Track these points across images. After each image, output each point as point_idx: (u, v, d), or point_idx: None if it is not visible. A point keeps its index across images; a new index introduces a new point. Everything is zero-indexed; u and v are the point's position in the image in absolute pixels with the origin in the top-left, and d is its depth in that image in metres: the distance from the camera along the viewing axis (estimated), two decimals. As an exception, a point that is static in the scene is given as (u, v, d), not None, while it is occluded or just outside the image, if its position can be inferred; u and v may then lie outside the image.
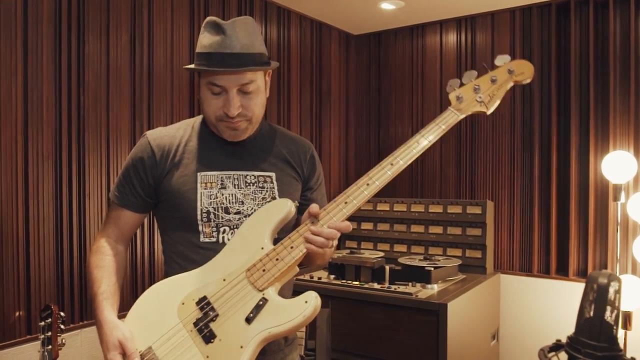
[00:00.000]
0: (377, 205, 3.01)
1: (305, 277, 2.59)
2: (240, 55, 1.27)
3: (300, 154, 1.43)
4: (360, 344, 2.38)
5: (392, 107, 3.21)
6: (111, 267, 1.32)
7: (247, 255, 1.21)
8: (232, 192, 1.34)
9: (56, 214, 1.80)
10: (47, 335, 1.58)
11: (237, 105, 1.28)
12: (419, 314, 2.23)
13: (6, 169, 1.68)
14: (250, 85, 1.29)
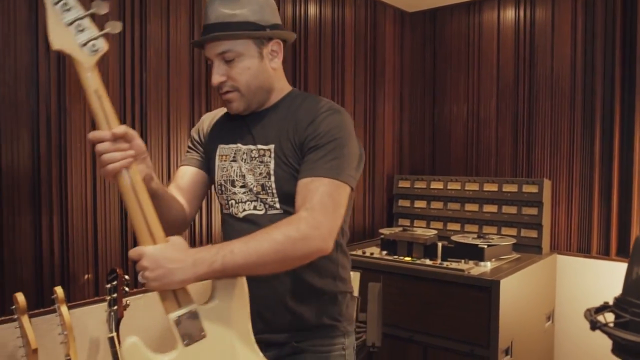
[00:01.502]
0: (431, 184, 3.01)
1: (358, 252, 2.64)
2: (214, 26, 1.28)
3: (308, 118, 1.31)
4: (410, 319, 2.40)
5: (447, 85, 3.18)
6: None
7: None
8: (239, 166, 1.36)
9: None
10: (112, 297, 1.70)
11: (216, 76, 1.30)
12: (471, 290, 2.23)
13: (76, 144, 1.79)
14: (228, 53, 1.29)
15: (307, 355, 1.35)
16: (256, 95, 1.34)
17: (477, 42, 3.06)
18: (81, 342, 1.76)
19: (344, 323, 1.39)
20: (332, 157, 1.25)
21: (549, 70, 2.81)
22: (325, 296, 1.36)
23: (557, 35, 2.78)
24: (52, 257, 1.74)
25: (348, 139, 1.29)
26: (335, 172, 1.23)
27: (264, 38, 1.31)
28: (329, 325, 1.37)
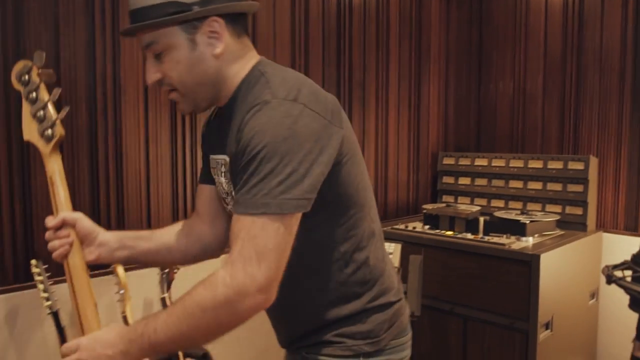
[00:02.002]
0: (475, 160, 3.01)
1: (400, 226, 2.68)
2: (133, 13, 1.05)
3: (238, 120, 1.04)
4: (451, 291, 2.44)
5: (493, 62, 3.16)
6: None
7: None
8: (220, 182, 1.19)
9: (172, 156, 2.02)
10: (165, 260, 1.82)
11: (148, 74, 1.09)
12: (511, 264, 2.25)
13: (131, 115, 1.91)
14: (154, 46, 1.05)
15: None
16: (198, 92, 1.09)
17: (524, 17, 3.02)
18: (136, 302, 1.89)
19: (359, 343, 1.14)
20: (254, 181, 0.95)
21: (598, 46, 2.75)
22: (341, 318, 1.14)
23: (607, 10, 2.72)
24: (109, 222, 1.87)
25: (280, 144, 0.95)
26: (256, 205, 0.94)
27: (194, 20, 1.03)
28: (336, 342, 1.14)
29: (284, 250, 0.97)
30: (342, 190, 1.08)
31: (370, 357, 1.14)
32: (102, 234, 1.23)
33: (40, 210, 1.69)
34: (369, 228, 1.16)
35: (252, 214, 0.95)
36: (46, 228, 1.15)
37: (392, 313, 1.18)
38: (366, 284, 1.15)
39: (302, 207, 0.97)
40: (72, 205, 1.21)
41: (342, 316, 1.14)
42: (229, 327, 0.98)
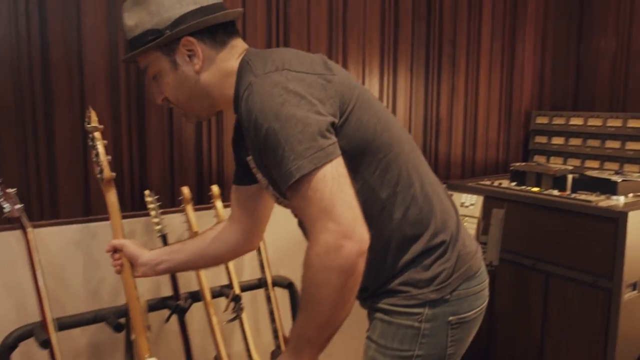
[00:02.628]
0: (570, 120, 2.94)
1: (486, 182, 2.71)
2: (128, 43, 1.20)
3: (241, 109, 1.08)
4: (534, 247, 2.45)
5: (595, 19, 3.03)
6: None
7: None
8: (259, 177, 1.28)
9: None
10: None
11: (154, 95, 1.24)
12: (598, 221, 2.22)
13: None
14: (148, 70, 1.20)
15: (379, 315, 1.20)
16: (193, 106, 1.22)
17: (632, -31, 2.87)
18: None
19: (422, 289, 1.16)
20: (279, 156, 0.99)
21: None
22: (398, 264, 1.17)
23: None
24: (210, 163, 2.09)
25: (280, 112, 0.99)
26: (292, 174, 0.98)
27: (169, 43, 1.14)
28: (402, 291, 1.17)
29: (341, 191, 0.98)
30: (358, 138, 1.10)
31: (436, 305, 1.15)
32: (144, 255, 1.47)
33: (153, 149, 1.94)
34: (405, 166, 1.16)
35: (295, 183, 0.98)
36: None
37: (456, 257, 1.18)
38: (420, 224, 1.16)
39: (332, 154, 1.00)
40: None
41: (404, 263, 1.16)
42: (346, 285, 0.99)
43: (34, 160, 1.74)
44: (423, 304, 1.15)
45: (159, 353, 2.01)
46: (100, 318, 1.65)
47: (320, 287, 0.99)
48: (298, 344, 1.07)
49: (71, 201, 1.81)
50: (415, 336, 1.15)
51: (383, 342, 1.17)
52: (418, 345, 1.16)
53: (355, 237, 0.96)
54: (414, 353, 1.16)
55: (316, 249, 0.97)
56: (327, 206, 0.96)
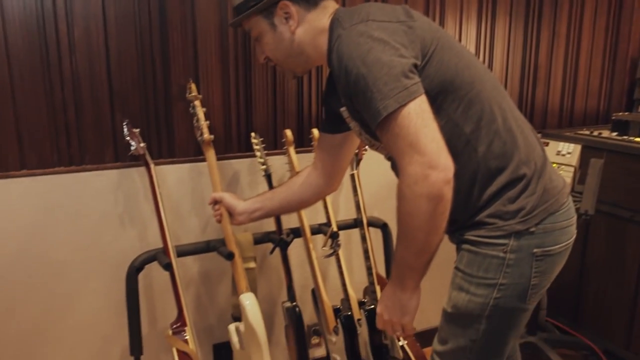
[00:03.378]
0: (682, 68, 2.77)
1: (584, 131, 2.65)
2: (232, 10, 1.36)
3: (332, 60, 1.19)
4: (632, 198, 2.39)
5: None
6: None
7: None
8: (354, 126, 1.35)
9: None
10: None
11: (257, 55, 1.39)
12: None
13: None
14: (252, 33, 1.35)
15: (466, 246, 1.27)
16: (291, 64, 1.36)
17: None
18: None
19: (508, 221, 1.21)
20: (367, 97, 1.08)
21: None
22: (486, 193, 1.22)
23: None
24: (310, 108, 2.18)
25: (367, 57, 1.08)
26: (380, 113, 1.07)
27: (267, 7, 1.28)
28: (488, 223, 1.22)
29: (425, 126, 1.06)
30: (440, 77, 1.17)
31: (522, 236, 1.20)
32: (240, 205, 1.66)
33: (258, 96, 2.06)
34: (488, 102, 1.21)
35: (383, 121, 1.07)
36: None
37: (542, 191, 1.22)
38: (504, 157, 1.21)
39: (415, 92, 1.07)
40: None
41: (490, 195, 1.21)
42: (436, 211, 1.07)
43: (154, 108, 1.91)
44: (508, 235, 1.20)
45: (261, 282, 2.20)
46: (212, 247, 1.83)
47: (413, 215, 1.08)
48: (400, 272, 1.19)
49: (184, 143, 1.98)
50: (500, 266, 1.22)
51: (469, 270, 1.25)
52: (502, 274, 1.22)
53: (440, 166, 1.04)
54: (498, 281, 1.22)
55: (406, 180, 1.07)
56: (413, 140, 1.05)
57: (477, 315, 1.25)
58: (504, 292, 1.23)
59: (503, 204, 1.21)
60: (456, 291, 1.28)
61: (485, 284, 1.23)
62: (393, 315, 1.24)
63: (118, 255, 1.93)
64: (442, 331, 1.29)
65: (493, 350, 1.31)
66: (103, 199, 1.89)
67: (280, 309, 2.27)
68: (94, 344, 1.98)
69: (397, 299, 1.22)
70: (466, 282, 1.26)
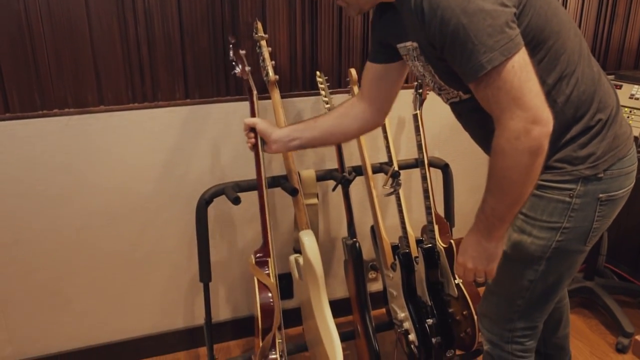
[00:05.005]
0: None
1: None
2: None
3: (415, 10, 1.09)
4: None
5: None
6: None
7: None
8: (415, 65, 1.31)
9: None
10: (418, 82, 2.09)
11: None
12: None
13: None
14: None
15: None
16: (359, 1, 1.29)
17: None
18: (390, 119, 2.23)
19: (577, 166, 1.22)
20: (468, 49, 1.03)
21: None
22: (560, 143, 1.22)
23: None
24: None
25: (467, 6, 1.02)
26: (483, 66, 1.03)
27: None
28: (557, 168, 1.23)
29: (528, 80, 1.03)
30: (533, 26, 1.11)
31: (589, 182, 1.22)
32: (275, 132, 1.57)
33: (323, 33, 2.06)
34: (571, 50, 1.18)
35: (485, 75, 1.04)
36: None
37: (612, 137, 1.23)
38: (582, 106, 1.20)
39: (519, 44, 1.04)
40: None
41: (564, 142, 1.21)
42: (535, 164, 1.07)
43: (222, 46, 1.95)
44: (577, 180, 1.22)
45: (323, 218, 2.28)
46: (277, 183, 1.91)
47: (512, 169, 1.07)
48: (489, 223, 1.17)
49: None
50: (565, 210, 1.24)
51: (532, 214, 1.27)
52: (567, 218, 1.25)
53: (543, 120, 1.04)
54: (562, 225, 1.25)
55: (506, 134, 1.05)
56: (517, 95, 1.03)
57: (538, 257, 1.28)
58: (566, 236, 1.26)
59: (574, 149, 1.21)
60: (517, 233, 1.30)
61: (548, 227, 1.26)
62: (479, 264, 1.23)
63: (189, 187, 2.04)
64: (499, 272, 1.28)
65: (549, 290, 1.35)
66: (175, 134, 1.98)
67: (340, 244, 2.35)
68: (165, 270, 2.14)
69: (483, 249, 1.22)
70: (529, 225, 1.28)
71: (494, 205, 1.15)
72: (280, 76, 1.99)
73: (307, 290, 1.77)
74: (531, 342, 1.42)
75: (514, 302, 1.36)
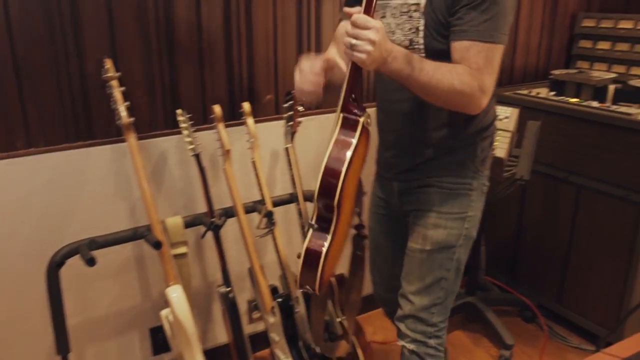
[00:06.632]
0: (619, 23, 2.76)
1: (523, 91, 2.63)
2: None
3: None
4: (567, 160, 2.42)
5: None
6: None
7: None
8: (388, 22, 1.43)
9: (297, 15, 2.13)
10: (289, 114, 2.02)
11: None
12: (635, 135, 2.16)
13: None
14: None
15: (433, 189, 1.52)
16: None
17: None
18: (263, 151, 2.14)
19: (476, 164, 1.51)
20: (486, 17, 1.26)
21: None
22: (463, 143, 1.48)
23: None
24: (241, 80, 2.07)
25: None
26: (491, 34, 1.27)
27: None
28: (461, 168, 1.50)
29: (494, 71, 1.30)
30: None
31: (478, 178, 1.53)
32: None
33: (183, 67, 1.93)
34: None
35: (486, 41, 1.26)
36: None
37: (490, 143, 1.55)
38: (490, 118, 1.51)
39: (505, 42, 1.30)
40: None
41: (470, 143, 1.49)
42: (454, 108, 1.34)
43: (68, 88, 1.76)
44: (472, 176, 1.51)
45: (195, 266, 2.14)
46: (139, 235, 1.75)
47: (456, 87, 1.26)
48: (408, 64, 1.24)
49: (105, 124, 1.85)
50: (468, 201, 1.52)
51: (445, 209, 1.51)
52: (469, 208, 1.53)
53: (485, 100, 1.32)
54: (467, 214, 1.52)
55: (474, 81, 1.27)
56: (490, 71, 1.29)
57: (453, 245, 1.52)
58: (470, 223, 1.53)
59: (475, 153, 1.50)
60: (433, 230, 1.51)
61: (458, 218, 1.51)
62: (375, 48, 1.18)
63: (42, 246, 1.82)
64: (417, 272, 1.53)
65: (457, 279, 1.57)
66: (18, 189, 1.76)
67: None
68: (20, 340, 1.90)
69: (384, 50, 1.20)
70: (443, 220, 1.51)
71: (425, 75, 1.25)
72: (138, 116, 1.83)
73: (180, 345, 1.64)
74: (445, 335, 1.61)
75: (436, 295, 1.54)
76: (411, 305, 1.55)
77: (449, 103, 1.32)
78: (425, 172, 1.52)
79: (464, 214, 1.52)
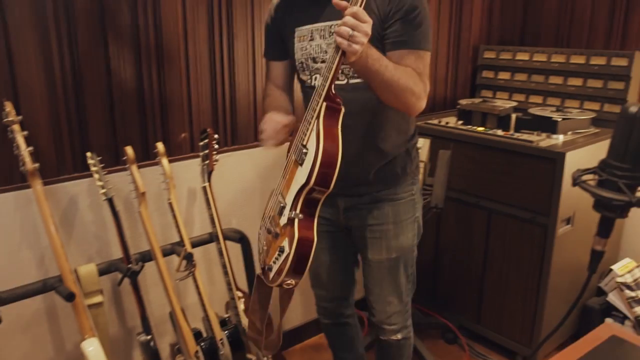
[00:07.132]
0: (517, 55, 2.96)
1: (434, 121, 2.75)
2: None
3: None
4: (478, 186, 2.54)
5: (545, -53, 2.97)
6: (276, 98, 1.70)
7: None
8: (318, 43, 1.53)
9: (210, 52, 2.12)
10: (205, 153, 1.99)
11: None
12: (538, 161, 2.30)
13: (168, 15, 1.99)
14: None
15: (385, 203, 1.68)
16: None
17: None
18: (180, 191, 2.09)
19: (413, 169, 1.72)
20: (419, 28, 1.45)
21: None
22: (402, 150, 1.66)
23: None
24: (154, 118, 2.02)
25: (425, 6, 1.46)
26: (425, 44, 1.46)
27: None
28: (403, 176, 1.68)
29: (427, 73, 1.49)
30: None
31: (415, 183, 1.76)
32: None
33: (92, 107, 1.86)
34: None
35: (422, 49, 1.46)
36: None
37: (417, 149, 1.78)
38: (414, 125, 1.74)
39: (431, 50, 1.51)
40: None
41: (407, 150, 1.69)
42: (402, 106, 1.47)
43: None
44: (412, 183, 1.74)
45: (113, 313, 2.04)
46: (50, 287, 1.65)
47: (409, 89, 1.41)
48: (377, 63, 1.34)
49: (6, 170, 1.75)
50: (414, 204, 1.75)
51: (402, 217, 1.71)
52: (416, 210, 1.76)
53: (426, 98, 1.48)
54: (416, 215, 1.76)
55: (423, 85, 1.46)
56: (427, 75, 1.48)
57: (413, 244, 1.77)
58: (418, 222, 1.78)
59: (415, 164, 1.74)
60: (394, 240, 1.71)
61: (412, 220, 1.74)
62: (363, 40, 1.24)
63: None
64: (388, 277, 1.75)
65: (415, 273, 1.82)
66: None
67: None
68: None
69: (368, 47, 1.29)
70: (400, 228, 1.71)
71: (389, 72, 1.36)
72: (44, 160, 1.75)
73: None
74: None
75: (407, 286, 1.80)
76: (391, 305, 1.77)
77: (401, 100, 1.42)
78: (374, 186, 1.66)
79: (414, 216, 1.74)
